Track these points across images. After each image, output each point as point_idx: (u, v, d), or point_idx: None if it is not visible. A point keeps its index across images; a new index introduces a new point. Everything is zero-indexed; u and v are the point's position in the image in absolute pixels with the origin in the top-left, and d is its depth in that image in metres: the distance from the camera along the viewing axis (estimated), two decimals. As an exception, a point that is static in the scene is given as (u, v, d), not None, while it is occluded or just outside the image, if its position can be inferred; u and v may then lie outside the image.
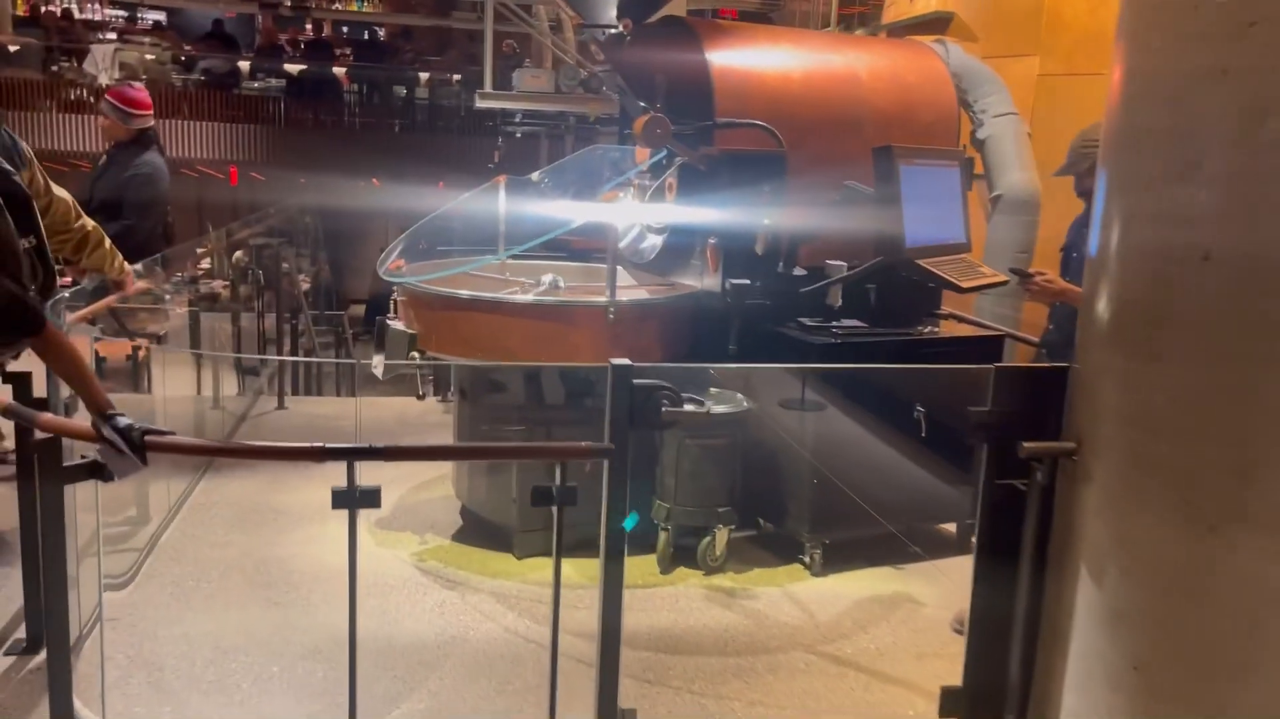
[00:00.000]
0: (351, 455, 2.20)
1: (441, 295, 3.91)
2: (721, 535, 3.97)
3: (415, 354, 4.02)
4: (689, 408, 3.42)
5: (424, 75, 17.67)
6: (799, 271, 4.24)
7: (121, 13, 20.06)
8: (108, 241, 4.19)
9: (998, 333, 4.28)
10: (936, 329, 4.39)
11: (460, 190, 5.03)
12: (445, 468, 4.69)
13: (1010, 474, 2.66)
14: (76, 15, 18.48)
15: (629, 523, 3.73)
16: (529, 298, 3.93)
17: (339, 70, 17.58)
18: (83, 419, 2.46)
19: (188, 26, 19.71)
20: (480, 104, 9.11)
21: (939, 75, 4.51)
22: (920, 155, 3.81)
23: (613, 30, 4.42)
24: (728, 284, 4.02)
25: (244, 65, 17.00)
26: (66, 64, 14.83)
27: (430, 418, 5.80)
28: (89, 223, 4.14)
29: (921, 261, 3.70)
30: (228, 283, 8.12)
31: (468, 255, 4.78)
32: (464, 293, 3.89)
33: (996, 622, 2.75)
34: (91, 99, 14.54)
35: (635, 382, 2.48)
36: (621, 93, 4.33)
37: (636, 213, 4.47)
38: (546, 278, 4.29)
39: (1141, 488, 2.33)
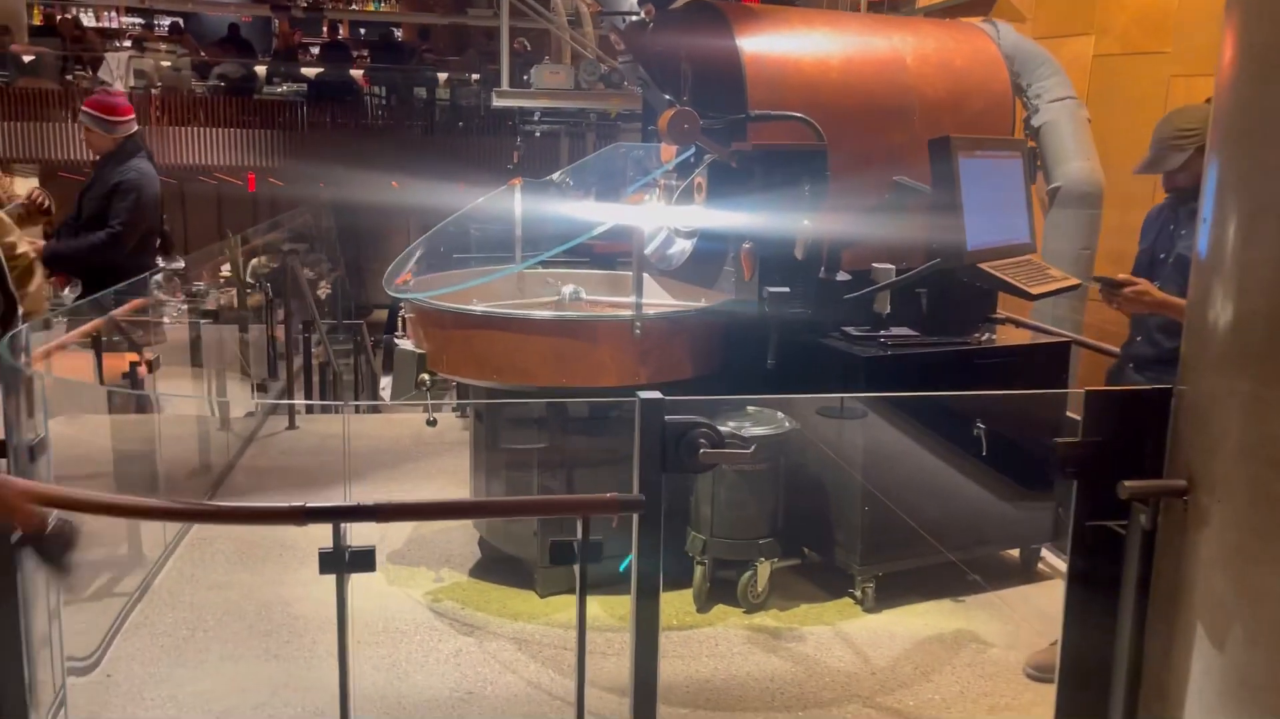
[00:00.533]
0: (337, 516, 1.87)
1: (451, 312, 3.58)
2: (764, 570, 3.61)
3: (425, 376, 3.69)
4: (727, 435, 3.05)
5: (442, 75, 17.38)
6: (842, 277, 3.87)
7: (138, 20, 19.90)
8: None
9: (1064, 339, 3.89)
10: (993, 336, 4.01)
11: (481, 192, 4.70)
12: (463, 492, 4.37)
13: (1105, 514, 2.30)
14: (88, 23, 18.35)
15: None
16: (546, 313, 3.58)
17: (356, 73, 17.33)
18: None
19: (203, 32, 19.54)
20: (497, 103, 8.80)
21: (991, 58, 4.12)
22: (980, 146, 3.43)
23: (634, 17, 4.05)
24: (764, 292, 3.66)
25: (261, 70, 16.78)
26: (81, 72, 14.64)
27: (449, 434, 5.47)
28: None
29: (984, 266, 3.32)
30: (252, 285, 7.83)
31: (482, 266, 4.45)
32: (475, 308, 3.55)
33: (1090, 681, 2.39)
34: (107, 108, 14.36)
35: (668, 419, 2.13)
36: (644, 85, 3.98)
37: (663, 216, 4.11)
38: (566, 289, 3.94)
39: (1272, 535, 1.97)
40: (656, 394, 2.17)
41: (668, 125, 3.52)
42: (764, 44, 3.81)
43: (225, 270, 13.86)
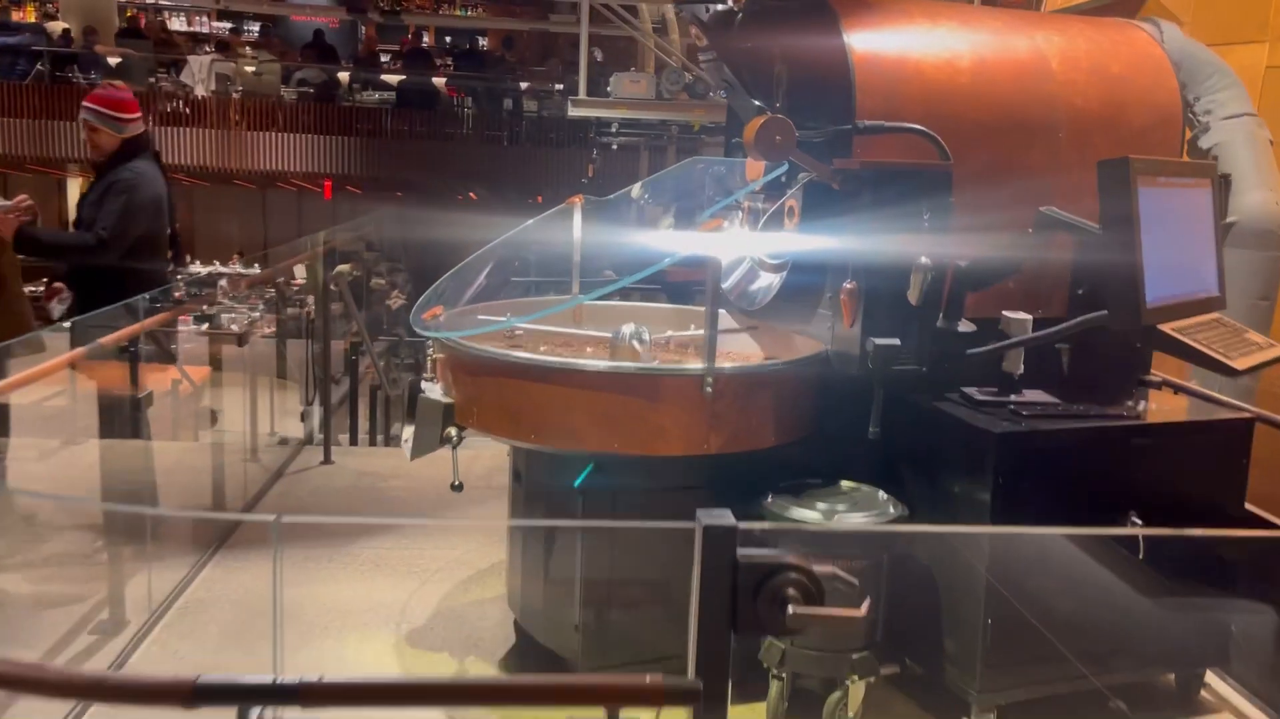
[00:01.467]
0: (240, 697, 1.24)
1: (481, 356, 2.95)
2: (857, 690, 2.90)
3: (452, 431, 3.07)
4: (826, 577, 2.38)
5: (524, 85, 16.99)
6: (964, 327, 3.15)
7: (228, 24, 19.95)
8: None
9: (1246, 413, 3.10)
10: (1147, 404, 3.26)
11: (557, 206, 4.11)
12: (499, 557, 3.76)
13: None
14: (179, 28, 18.39)
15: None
16: (595, 363, 2.93)
17: (439, 81, 17.03)
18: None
19: (292, 38, 19.49)
20: (573, 112, 8.23)
21: (1156, 63, 3.36)
22: (1163, 172, 2.68)
23: (719, 6, 3.40)
24: (869, 343, 2.95)
25: (344, 76, 16.57)
26: (164, 75, 14.56)
27: (494, 479, 4.87)
28: None
29: (1166, 327, 2.58)
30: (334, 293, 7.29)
31: (535, 296, 3.84)
32: (508, 354, 2.92)
33: None
34: (188, 111, 14.25)
35: (742, 556, 1.46)
36: (729, 89, 3.32)
37: (746, 244, 3.45)
38: (626, 329, 3.29)
39: None
40: (726, 517, 1.50)
41: (756, 137, 2.85)
42: (878, 41, 3.12)
43: (300, 277, 13.53)
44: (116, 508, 3.94)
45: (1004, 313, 3.17)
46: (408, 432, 3.21)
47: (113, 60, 14.85)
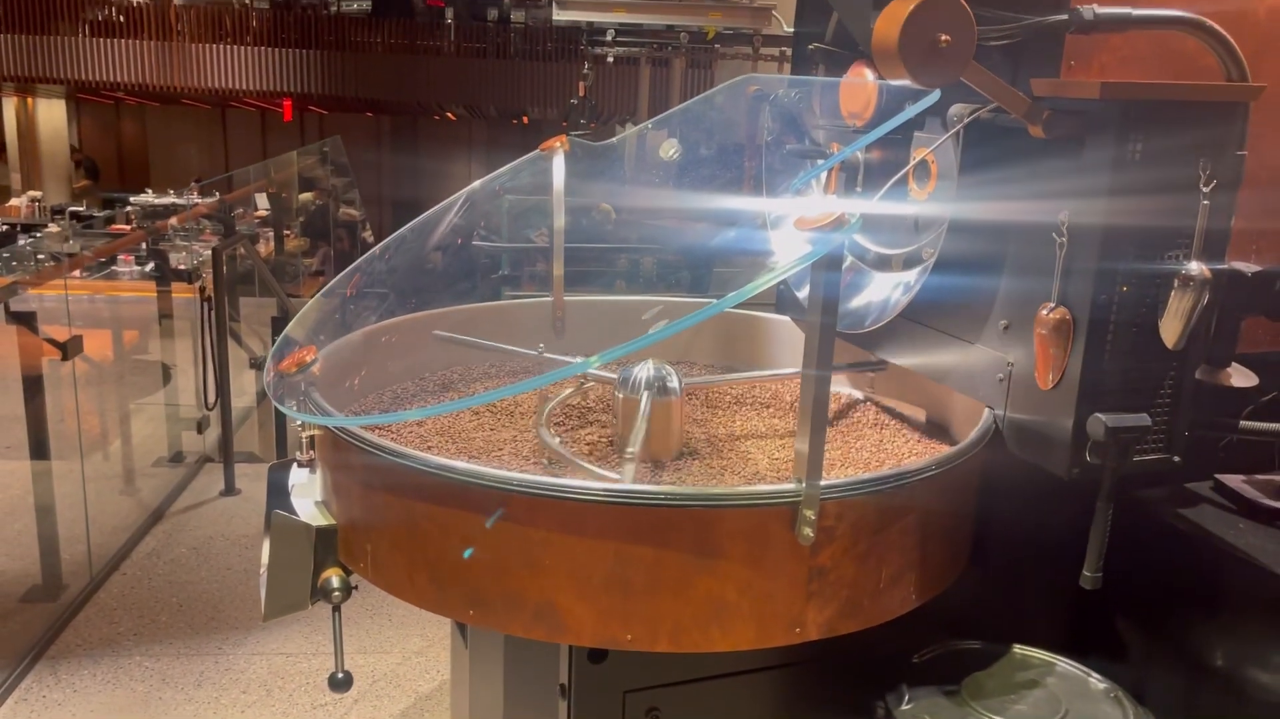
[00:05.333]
0: None
1: (380, 461, 1.58)
2: None
3: (333, 578, 1.72)
4: None
5: (508, -10, 15.21)
6: (1240, 379, 1.79)
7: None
8: None
9: None
10: None
11: (539, 131, 2.66)
12: (442, 674, 2.47)
13: None
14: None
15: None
16: (590, 486, 1.54)
17: (411, -14, 15.23)
18: None
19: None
20: (559, 16, 6.70)
21: None
22: None
23: None
24: (1097, 423, 1.60)
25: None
26: (94, -22, 12.82)
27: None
28: None
29: None
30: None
31: (470, 307, 2.46)
32: (431, 460, 1.54)
33: None
34: (122, 20, 12.56)
35: None
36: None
37: (842, 224, 2.05)
38: (641, 371, 1.90)
39: None
40: None
41: (904, 34, 1.44)
42: None
43: (262, 207, 12.00)
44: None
45: (1302, 352, 1.83)
46: (266, 556, 1.85)
47: (39, -38, 13.06)
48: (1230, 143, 1.59)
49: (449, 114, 16.61)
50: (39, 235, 13.42)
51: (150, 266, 10.02)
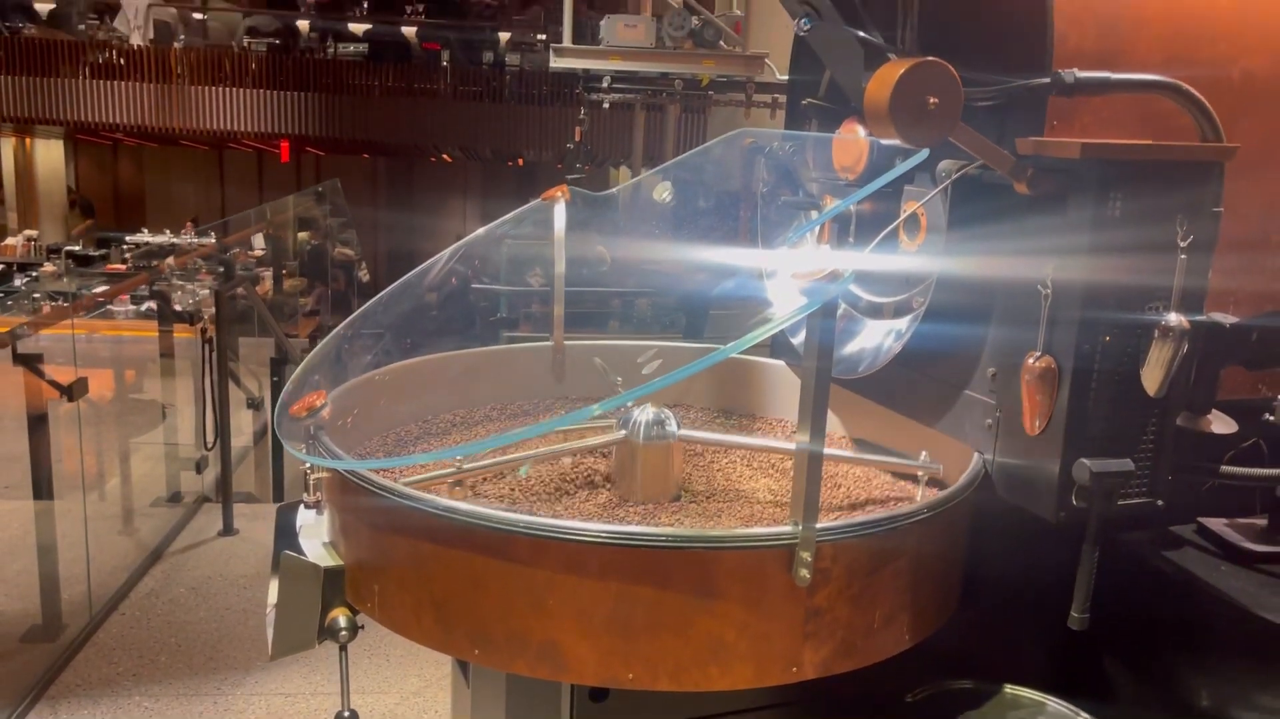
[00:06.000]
0: None
1: (389, 503, 1.63)
2: None
3: (340, 618, 1.76)
4: None
5: (504, 36, 15.43)
6: (1220, 425, 1.85)
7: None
8: None
9: None
10: None
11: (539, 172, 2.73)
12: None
13: None
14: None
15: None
16: (589, 528, 1.59)
17: (409, 30, 15.46)
18: None
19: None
20: (556, 63, 6.81)
21: None
22: None
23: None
24: (1081, 468, 1.66)
25: (303, 25, 14.98)
26: (95, 22, 12.97)
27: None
28: None
29: None
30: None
31: (476, 352, 2.52)
32: (437, 501, 1.59)
33: None
34: (122, 63, 12.71)
35: None
36: (813, 16, 1.97)
37: (836, 277, 2.11)
38: (641, 414, 1.96)
39: None
40: None
41: (895, 97, 1.52)
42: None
43: (258, 247, 12.05)
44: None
45: (1280, 399, 1.89)
46: (273, 595, 1.89)
47: (42, 7, 13.24)
48: (1206, 201, 1.66)
49: (445, 155, 16.77)
50: (34, 275, 13.48)
51: (145, 306, 10.06)
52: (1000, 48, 1.77)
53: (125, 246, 14.51)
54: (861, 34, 1.84)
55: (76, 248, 13.70)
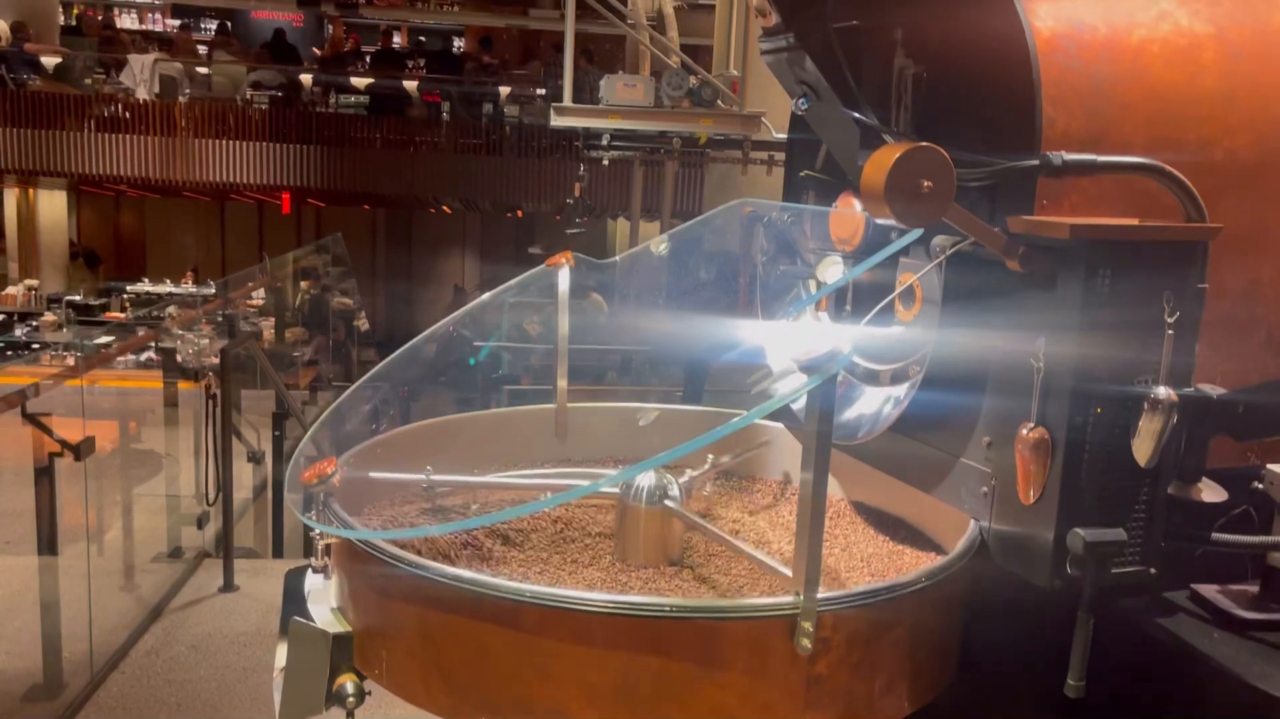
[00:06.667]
0: None
1: (397, 571, 1.67)
2: None
3: (348, 683, 1.79)
4: None
5: (504, 90, 15.67)
6: (1210, 494, 1.90)
7: (182, 22, 18.53)
8: None
9: None
10: None
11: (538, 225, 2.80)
12: None
13: None
14: (130, 25, 16.99)
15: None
16: (594, 598, 1.63)
17: (410, 85, 15.69)
18: None
19: (250, 38, 18.10)
20: (557, 121, 6.95)
21: None
22: None
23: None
24: (1075, 538, 1.70)
25: (306, 79, 15.20)
26: (102, 76, 13.16)
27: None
28: None
29: None
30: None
31: (482, 416, 2.56)
32: (443, 570, 1.63)
33: None
34: (127, 116, 12.88)
35: None
36: (811, 96, 2.05)
37: (837, 348, 2.17)
38: (643, 481, 2.00)
39: None
40: None
41: (891, 180, 1.58)
42: (1073, 18, 1.85)
43: (257, 297, 12.13)
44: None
45: (1268, 467, 1.94)
46: (280, 659, 1.91)
47: (48, 61, 13.44)
48: (1191, 278, 1.72)
49: (444, 207, 16.94)
50: (34, 324, 13.53)
51: (144, 356, 10.09)
52: (991, 129, 1.84)
53: (126, 295, 14.59)
54: (857, 115, 1.92)
55: (77, 297, 13.78)
